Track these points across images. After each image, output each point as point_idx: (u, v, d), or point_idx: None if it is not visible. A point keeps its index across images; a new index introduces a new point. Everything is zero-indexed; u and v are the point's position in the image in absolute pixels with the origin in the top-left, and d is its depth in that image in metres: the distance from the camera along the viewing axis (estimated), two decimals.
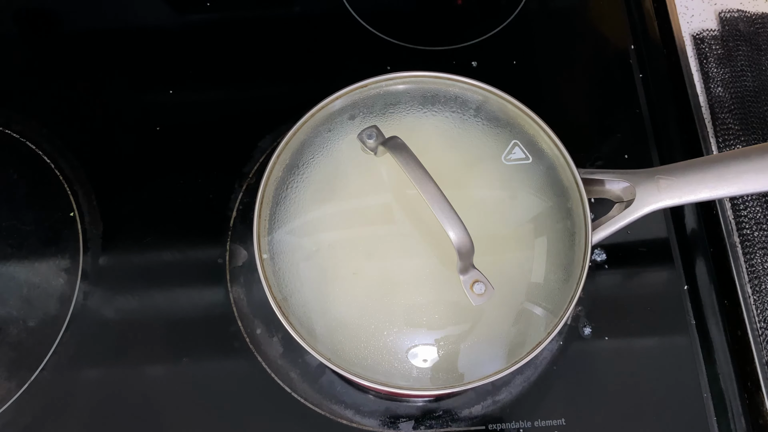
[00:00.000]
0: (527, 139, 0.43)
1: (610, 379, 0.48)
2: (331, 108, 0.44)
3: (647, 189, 0.42)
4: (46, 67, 0.59)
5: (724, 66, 0.57)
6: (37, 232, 0.52)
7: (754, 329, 0.47)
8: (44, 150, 0.55)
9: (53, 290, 0.50)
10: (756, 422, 0.46)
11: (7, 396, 0.47)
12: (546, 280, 0.40)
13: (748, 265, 0.50)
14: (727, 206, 0.52)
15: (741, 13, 0.59)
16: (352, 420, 0.47)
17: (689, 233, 0.53)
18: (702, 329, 0.49)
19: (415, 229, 0.40)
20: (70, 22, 0.62)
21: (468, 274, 0.37)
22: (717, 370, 0.48)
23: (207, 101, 0.58)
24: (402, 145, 0.37)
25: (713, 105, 0.56)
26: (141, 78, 0.59)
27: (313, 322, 0.40)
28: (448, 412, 0.47)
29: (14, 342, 0.49)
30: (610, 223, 0.42)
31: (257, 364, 0.48)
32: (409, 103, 0.44)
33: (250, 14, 0.62)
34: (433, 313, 0.39)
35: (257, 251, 0.40)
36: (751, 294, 0.49)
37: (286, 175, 0.42)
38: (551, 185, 0.42)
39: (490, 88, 0.44)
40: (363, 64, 0.59)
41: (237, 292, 0.50)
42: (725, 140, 0.54)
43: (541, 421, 0.46)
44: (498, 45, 0.60)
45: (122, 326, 0.49)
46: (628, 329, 0.49)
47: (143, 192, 0.54)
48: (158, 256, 0.52)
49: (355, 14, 0.62)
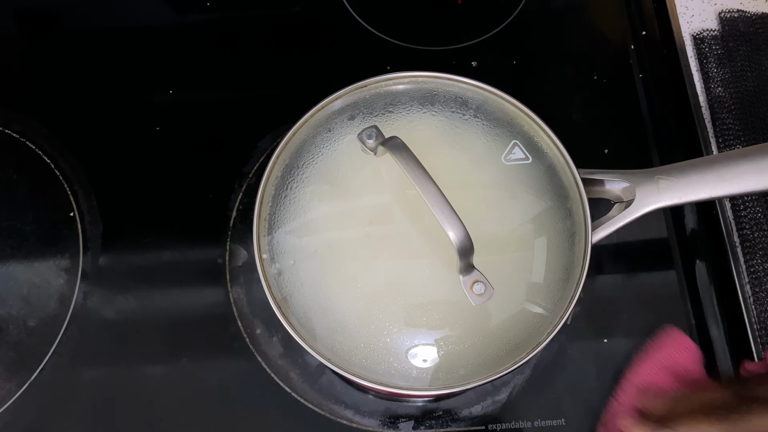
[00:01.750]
0: (527, 139, 0.43)
1: (609, 379, 0.48)
2: (331, 108, 0.44)
3: (647, 189, 0.42)
4: (47, 67, 0.59)
5: (724, 66, 0.57)
6: (37, 232, 0.52)
7: (754, 329, 0.47)
8: (44, 150, 0.55)
9: (53, 290, 0.50)
10: None
11: (7, 396, 0.47)
12: (546, 280, 0.40)
13: (748, 266, 0.50)
14: (727, 206, 0.52)
15: (741, 13, 0.59)
16: (352, 420, 0.47)
17: (689, 233, 0.53)
18: (702, 329, 0.49)
19: (415, 229, 0.40)
20: (70, 22, 0.62)
21: (468, 274, 0.37)
22: (717, 370, 0.48)
23: (207, 101, 0.58)
24: (402, 145, 0.37)
25: (713, 105, 0.56)
26: (141, 78, 0.59)
27: (313, 322, 0.40)
28: (448, 412, 0.47)
29: (14, 342, 0.49)
30: (610, 223, 0.42)
31: (257, 364, 0.48)
32: (409, 103, 0.44)
33: (250, 14, 0.62)
34: (433, 313, 0.39)
35: (257, 251, 0.40)
36: (751, 294, 0.49)
37: (286, 175, 0.42)
38: (551, 185, 0.42)
39: (490, 88, 0.44)
40: (363, 64, 0.59)
41: (237, 292, 0.50)
42: (725, 140, 0.54)
43: (541, 421, 0.46)
44: (498, 45, 0.60)
45: (122, 326, 0.49)
46: (628, 329, 0.49)
47: (143, 192, 0.54)
48: (158, 256, 0.52)
49: (355, 14, 0.62)
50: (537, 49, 0.61)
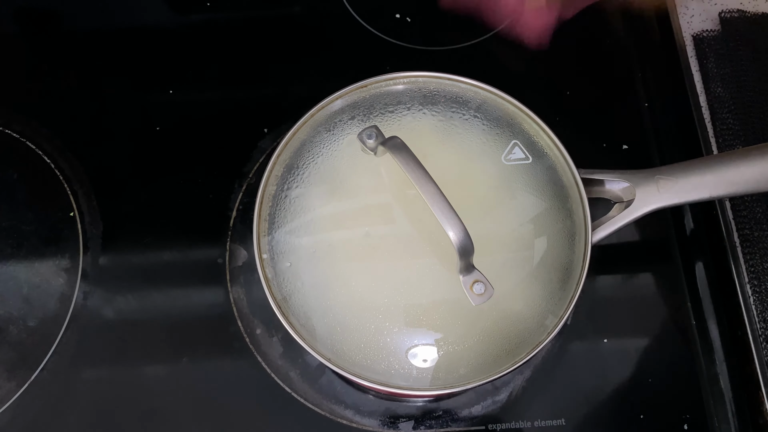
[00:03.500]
0: (527, 139, 0.43)
1: (609, 379, 0.48)
2: (331, 108, 0.44)
3: (647, 189, 0.42)
4: (47, 67, 0.59)
5: (724, 66, 0.57)
6: (37, 232, 0.52)
7: (754, 329, 0.47)
8: (44, 150, 0.55)
9: (53, 290, 0.50)
10: (756, 422, 0.46)
11: (7, 396, 0.47)
12: (546, 280, 0.40)
13: (748, 265, 0.50)
14: (727, 206, 0.52)
15: (741, 13, 0.59)
16: (352, 420, 0.47)
17: (689, 233, 0.53)
18: (702, 329, 0.49)
19: (415, 229, 0.40)
20: (70, 22, 0.62)
21: (468, 274, 0.37)
22: (717, 370, 0.48)
23: (207, 101, 0.58)
24: (402, 145, 0.37)
25: (713, 105, 0.56)
26: (141, 78, 0.59)
27: (313, 322, 0.40)
28: (448, 412, 0.47)
29: (14, 342, 0.49)
30: (610, 223, 0.42)
31: (257, 364, 0.48)
32: (409, 103, 0.44)
33: (250, 14, 0.62)
34: (433, 313, 0.39)
35: (257, 251, 0.40)
36: (751, 294, 0.49)
37: (286, 175, 0.42)
38: (551, 185, 0.42)
39: (490, 88, 0.44)
40: (363, 64, 0.59)
41: (237, 292, 0.50)
42: (725, 140, 0.54)
43: (541, 421, 0.46)
44: (498, 45, 0.60)
45: (122, 326, 0.49)
46: (627, 329, 0.49)
47: (143, 192, 0.54)
48: (158, 256, 0.52)
49: (355, 14, 0.62)
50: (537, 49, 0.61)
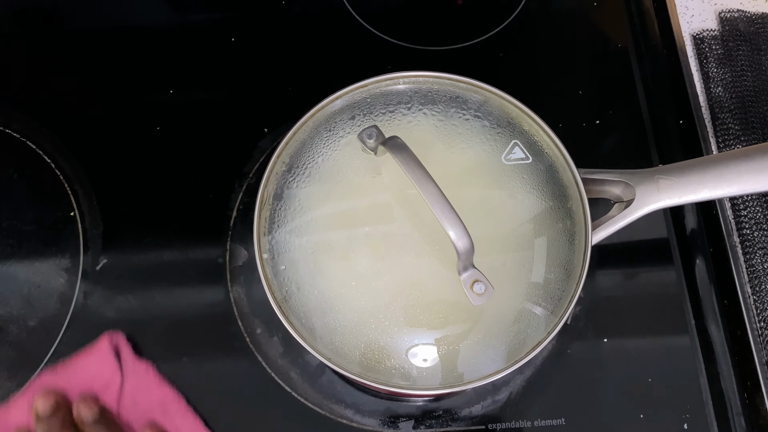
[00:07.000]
0: (527, 139, 0.43)
1: (609, 379, 0.48)
2: (331, 108, 0.44)
3: (647, 189, 0.42)
4: (47, 67, 0.59)
5: (724, 66, 0.57)
6: (37, 231, 0.52)
7: (754, 329, 0.47)
8: (44, 150, 0.55)
9: (53, 290, 0.50)
10: (756, 422, 0.46)
11: (7, 396, 0.47)
12: (546, 280, 0.40)
13: (748, 266, 0.50)
14: (727, 206, 0.52)
15: (741, 13, 0.59)
16: (352, 419, 0.47)
17: (689, 233, 0.53)
18: (702, 329, 0.49)
19: (415, 229, 0.40)
20: (70, 21, 0.62)
21: (468, 274, 0.37)
22: (717, 370, 0.48)
23: (207, 101, 0.58)
24: (402, 145, 0.37)
25: (713, 105, 0.56)
26: (141, 78, 0.59)
27: (313, 321, 0.40)
28: (448, 411, 0.47)
29: (14, 342, 0.49)
30: (610, 223, 0.42)
31: (257, 364, 0.48)
32: (409, 103, 0.44)
33: (250, 14, 0.62)
34: (433, 313, 0.39)
35: (257, 251, 0.40)
36: (751, 294, 0.49)
37: (286, 175, 0.43)
38: (551, 185, 0.42)
39: (490, 88, 0.44)
40: (363, 64, 0.59)
41: (237, 291, 0.50)
42: (725, 140, 0.54)
43: (541, 421, 0.46)
44: (498, 45, 0.60)
45: (122, 326, 0.49)
46: (627, 329, 0.49)
47: (143, 192, 0.54)
48: (158, 256, 0.52)
49: (355, 14, 0.62)
50: (537, 49, 0.61)
